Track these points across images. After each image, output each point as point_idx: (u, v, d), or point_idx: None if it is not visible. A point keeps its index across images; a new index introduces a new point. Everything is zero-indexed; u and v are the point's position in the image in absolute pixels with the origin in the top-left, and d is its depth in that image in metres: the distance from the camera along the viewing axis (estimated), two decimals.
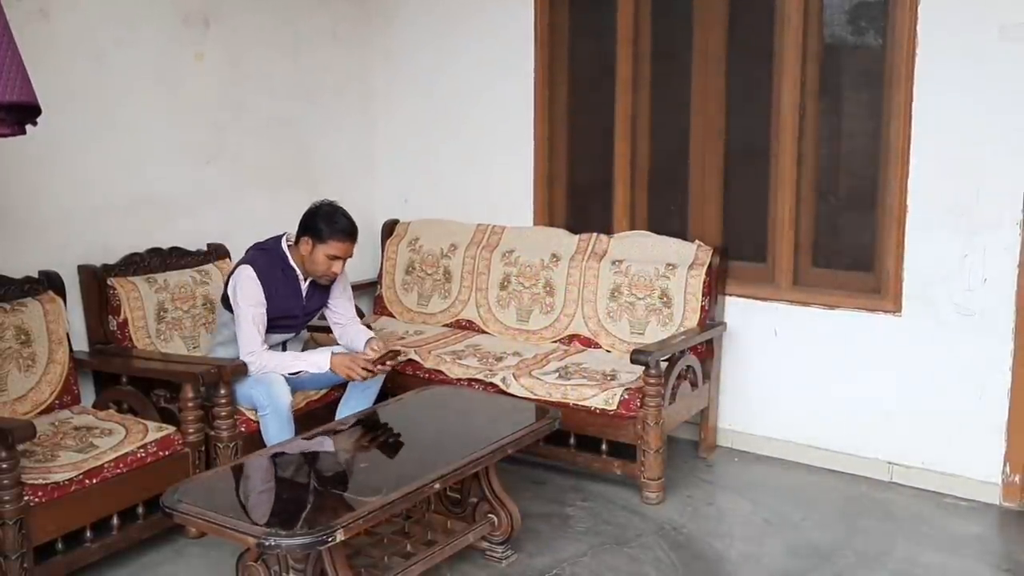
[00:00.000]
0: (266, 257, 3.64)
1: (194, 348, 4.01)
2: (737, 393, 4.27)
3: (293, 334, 3.80)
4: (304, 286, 3.72)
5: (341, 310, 3.91)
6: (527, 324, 4.56)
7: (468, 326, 4.71)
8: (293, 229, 4.73)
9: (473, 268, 4.73)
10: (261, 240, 3.78)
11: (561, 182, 4.77)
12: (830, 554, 3.35)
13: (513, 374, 3.96)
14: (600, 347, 4.34)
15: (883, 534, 3.50)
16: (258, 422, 3.62)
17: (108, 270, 3.82)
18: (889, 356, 3.90)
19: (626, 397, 3.71)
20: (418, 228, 4.98)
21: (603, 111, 4.54)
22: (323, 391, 3.91)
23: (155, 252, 4.03)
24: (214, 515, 2.55)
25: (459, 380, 4.05)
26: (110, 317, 3.79)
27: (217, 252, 4.25)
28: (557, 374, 3.95)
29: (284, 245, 3.70)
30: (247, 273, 3.57)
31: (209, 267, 4.17)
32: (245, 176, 4.49)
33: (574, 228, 4.62)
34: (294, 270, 3.68)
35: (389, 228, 5.06)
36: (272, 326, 3.62)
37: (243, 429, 3.57)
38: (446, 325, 4.74)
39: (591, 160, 4.71)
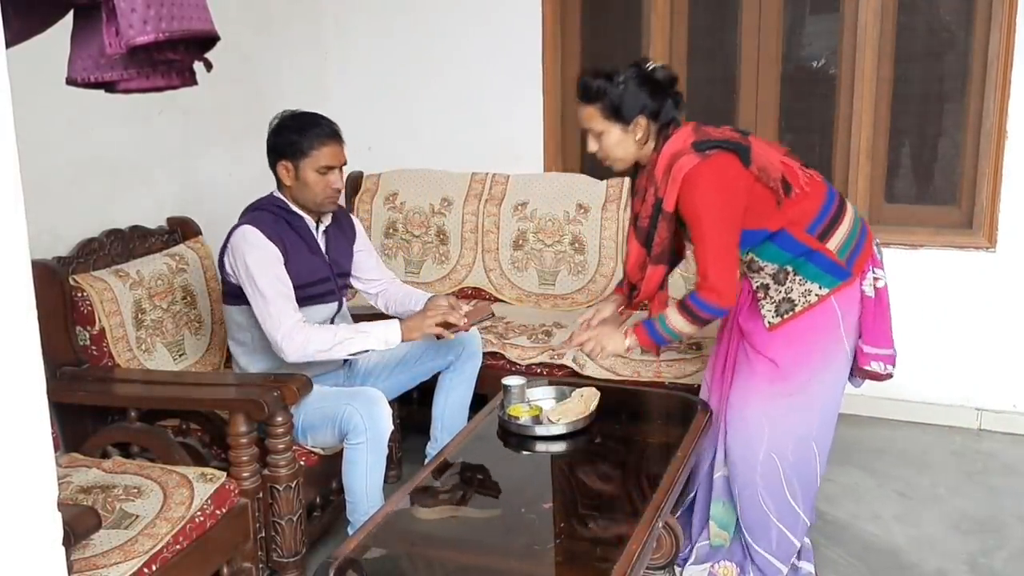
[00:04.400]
0: (265, 213, 2.77)
1: (180, 356, 3.07)
2: None
3: (335, 304, 2.92)
4: (319, 235, 2.88)
5: (371, 269, 3.10)
6: (553, 288, 3.91)
7: (475, 294, 3.98)
8: (258, 191, 3.86)
9: (477, 226, 3.98)
10: (251, 203, 2.92)
11: (574, 120, 4.08)
12: (998, 526, 3.03)
13: (583, 351, 3.31)
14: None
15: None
16: (318, 454, 2.80)
17: (66, 265, 2.81)
18: (981, 295, 3.60)
19: None
20: (394, 181, 4.14)
21: (626, 34, 3.90)
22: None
23: (114, 235, 3.03)
24: None
25: (514, 365, 3.35)
26: (79, 328, 2.80)
27: (184, 229, 3.28)
28: (638, 348, 3.34)
29: (277, 193, 2.86)
30: (251, 233, 2.69)
31: (182, 249, 3.21)
32: (200, 128, 3.51)
33: (593, 173, 3.97)
34: (301, 217, 2.83)
35: (355, 182, 4.18)
36: (304, 300, 2.75)
37: (303, 463, 2.74)
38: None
39: None
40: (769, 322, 2.52)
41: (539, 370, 3.32)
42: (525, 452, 2.58)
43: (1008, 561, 2.82)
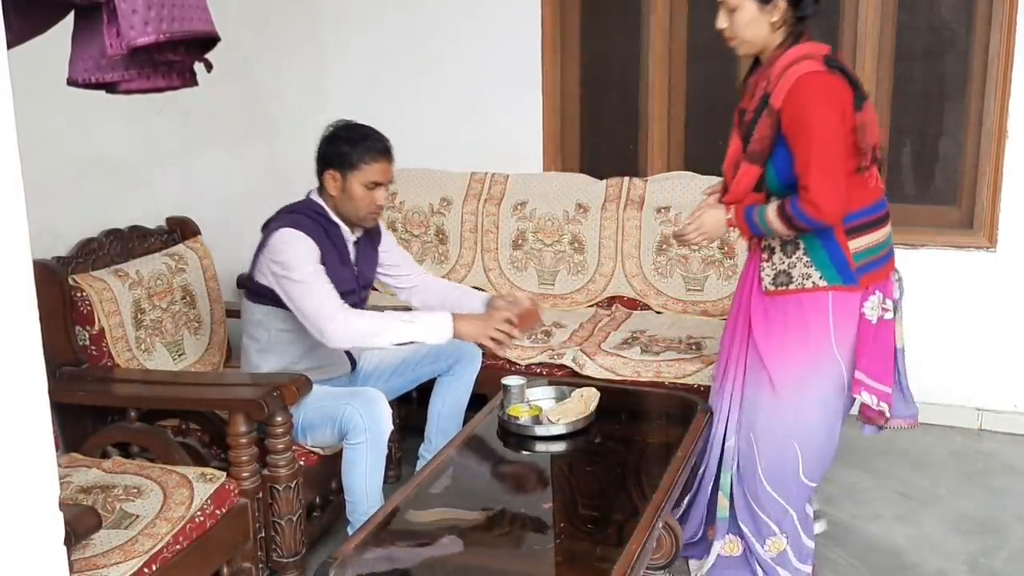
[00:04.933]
0: (303, 218, 2.74)
1: (180, 356, 3.07)
2: None
3: None
4: (351, 246, 2.86)
5: (398, 264, 3.06)
6: (552, 288, 3.91)
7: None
8: (257, 191, 3.87)
9: (476, 225, 3.98)
10: (287, 205, 2.86)
11: (573, 120, 4.10)
12: (998, 526, 3.03)
13: (583, 351, 3.33)
14: (649, 308, 3.78)
15: None
16: (318, 454, 2.80)
17: (65, 264, 2.81)
18: (982, 295, 3.60)
19: None
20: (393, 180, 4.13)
21: (625, 34, 3.90)
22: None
23: (114, 234, 3.03)
24: None
25: (514, 365, 3.35)
26: (79, 328, 2.80)
27: (184, 229, 3.28)
28: (638, 348, 3.35)
29: (316, 197, 2.82)
30: (291, 234, 2.67)
31: (181, 249, 3.21)
32: (199, 128, 3.51)
33: (593, 172, 3.98)
34: (338, 226, 2.80)
35: None
36: None
37: (302, 463, 2.74)
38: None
39: (609, 93, 4.07)
40: (765, 288, 2.50)
41: (539, 370, 3.32)
42: (525, 452, 2.58)
43: (1008, 561, 2.82)
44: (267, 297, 2.75)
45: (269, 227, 2.78)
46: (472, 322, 2.69)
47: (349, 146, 2.73)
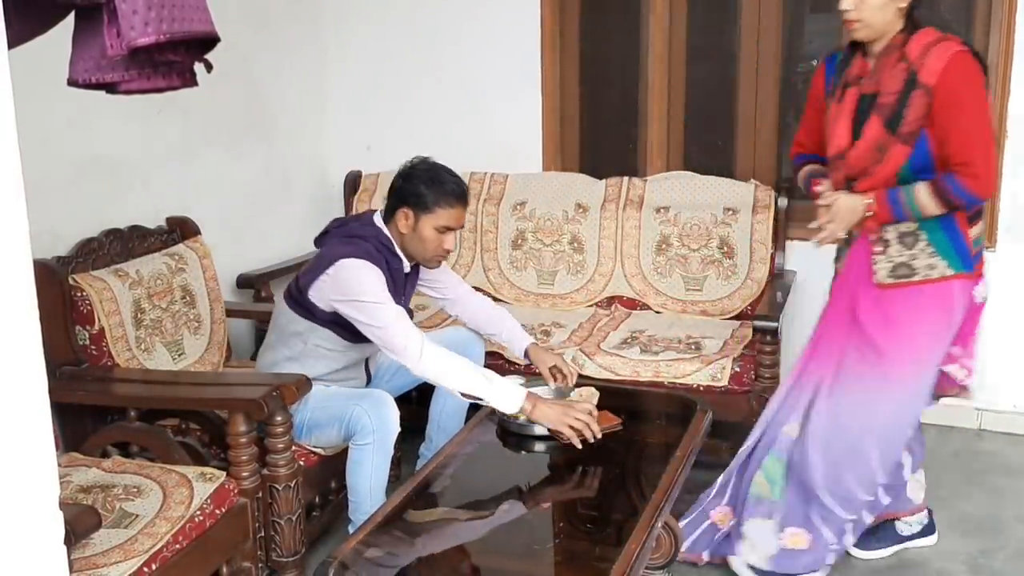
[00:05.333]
0: (371, 247, 2.70)
1: (179, 356, 3.08)
2: (796, 347, 3.83)
3: None
4: (403, 277, 2.85)
5: (443, 280, 3.04)
6: (552, 287, 3.91)
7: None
8: (257, 191, 3.87)
9: (476, 225, 3.99)
10: (344, 219, 2.86)
11: (573, 120, 4.10)
12: (998, 526, 3.04)
13: (582, 351, 3.33)
14: (649, 308, 3.78)
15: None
16: (318, 454, 2.80)
17: (65, 264, 2.82)
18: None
19: (737, 370, 3.19)
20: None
21: (625, 34, 3.90)
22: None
23: (113, 234, 3.04)
24: None
25: (514, 364, 3.35)
26: (79, 328, 2.80)
27: (183, 229, 3.28)
28: (637, 348, 3.35)
29: (382, 226, 2.78)
30: (365, 265, 2.64)
31: (181, 249, 3.21)
32: (199, 127, 3.51)
33: (592, 172, 3.98)
34: (400, 260, 2.78)
35: (353, 182, 4.19)
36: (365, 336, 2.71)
37: (302, 463, 2.74)
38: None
39: (608, 93, 4.08)
40: (879, 281, 2.48)
41: (538, 370, 3.31)
42: (524, 452, 2.58)
43: (1008, 561, 2.83)
44: (314, 315, 2.74)
45: (331, 247, 2.74)
46: (551, 406, 2.55)
47: (426, 187, 2.70)
